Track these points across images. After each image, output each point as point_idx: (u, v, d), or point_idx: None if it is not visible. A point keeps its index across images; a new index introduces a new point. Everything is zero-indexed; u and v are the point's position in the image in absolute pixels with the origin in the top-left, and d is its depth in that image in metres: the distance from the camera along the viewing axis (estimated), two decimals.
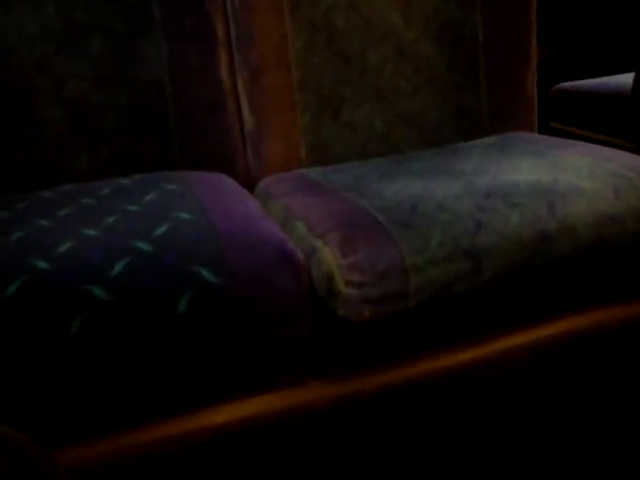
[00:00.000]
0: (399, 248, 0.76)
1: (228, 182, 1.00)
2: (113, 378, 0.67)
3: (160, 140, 1.07)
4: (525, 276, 0.80)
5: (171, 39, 1.05)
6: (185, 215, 0.79)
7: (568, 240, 0.82)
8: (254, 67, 1.09)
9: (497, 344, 0.81)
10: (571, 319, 0.85)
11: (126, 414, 0.69)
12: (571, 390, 0.86)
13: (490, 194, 0.85)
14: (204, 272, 0.69)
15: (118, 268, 0.68)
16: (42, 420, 0.66)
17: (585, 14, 2.27)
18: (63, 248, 0.72)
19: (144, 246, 0.72)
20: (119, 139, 1.05)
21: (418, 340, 0.80)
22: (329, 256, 0.77)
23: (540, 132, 1.31)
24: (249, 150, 1.12)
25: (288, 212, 0.91)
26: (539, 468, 0.87)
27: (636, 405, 0.90)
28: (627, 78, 1.62)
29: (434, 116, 1.21)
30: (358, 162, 1.12)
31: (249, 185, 1.11)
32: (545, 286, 0.83)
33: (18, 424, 0.61)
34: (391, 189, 0.90)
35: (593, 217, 0.83)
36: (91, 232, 0.75)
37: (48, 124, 1.02)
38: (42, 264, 0.68)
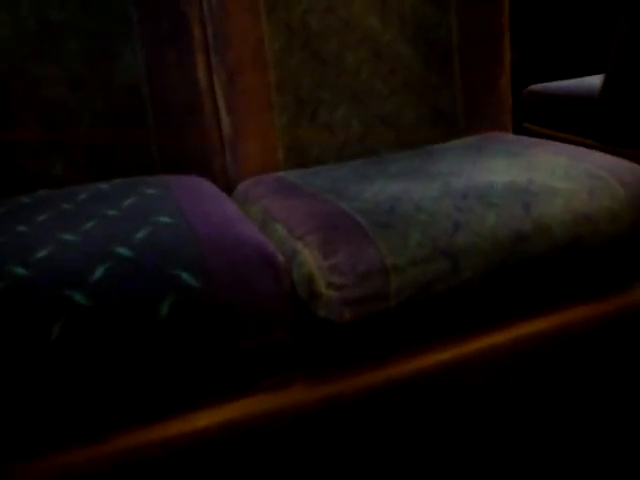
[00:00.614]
0: (379, 249, 0.77)
1: (207, 185, 0.99)
2: (94, 384, 0.66)
3: (138, 144, 1.06)
4: (503, 275, 0.82)
5: (148, 41, 1.05)
6: (164, 219, 0.79)
7: (544, 240, 0.83)
8: (231, 68, 1.09)
9: (477, 343, 0.82)
10: (549, 317, 0.86)
11: (107, 419, 0.69)
12: (550, 388, 0.88)
13: (467, 195, 0.86)
14: (185, 276, 0.69)
15: (98, 273, 0.68)
16: (20, 427, 0.65)
17: (557, 18, 2.31)
18: (42, 254, 0.71)
19: (124, 251, 0.71)
20: (96, 143, 1.04)
21: (400, 340, 0.80)
22: (309, 258, 0.77)
23: (514, 133, 1.33)
24: (227, 152, 1.12)
25: (267, 215, 0.91)
26: (522, 467, 0.89)
27: (615, 400, 0.92)
28: (596, 80, 1.65)
29: (410, 117, 1.23)
30: (336, 164, 1.12)
31: (227, 188, 1.11)
32: (523, 285, 0.84)
33: None
34: (369, 191, 0.91)
35: (568, 217, 0.85)
36: (70, 237, 0.75)
37: (22, 128, 1.00)
38: (21, 270, 0.68)
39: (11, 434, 0.65)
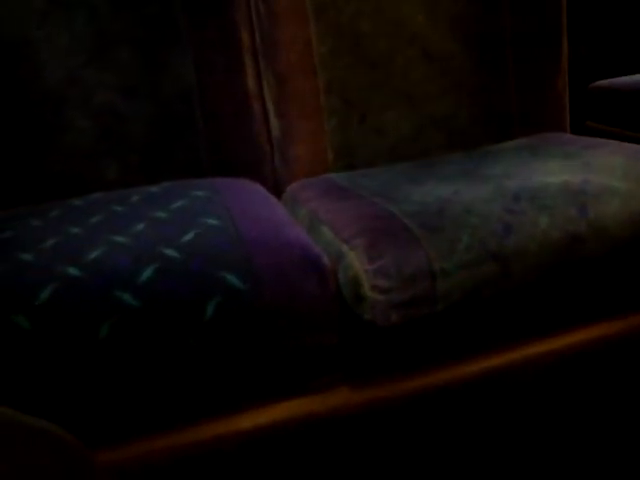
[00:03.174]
0: (426, 252, 0.75)
1: (256, 188, 1.00)
2: (141, 382, 0.68)
3: (188, 148, 1.08)
4: (556, 279, 0.79)
5: (197, 47, 1.07)
6: (212, 221, 0.80)
7: (600, 242, 0.80)
8: (280, 73, 1.10)
9: (528, 349, 0.79)
10: (604, 324, 0.83)
11: (154, 418, 0.70)
12: (606, 398, 0.84)
13: (519, 197, 0.84)
14: (230, 278, 0.70)
15: (146, 274, 0.69)
16: (69, 423, 0.67)
17: (624, 11, 2.22)
18: (93, 255, 0.73)
19: (172, 252, 0.72)
20: (147, 147, 1.06)
21: (446, 345, 0.79)
22: (355, 261, 0.76)
23: (577, 132, 1.28)
24: (276, 156, 1.13)
25: (314, 217, 0.91)
26: (568, 476, 0.86)
27: None
28: None
29: (463, 118, 1.20)
30: (386, 166, 1.11)
31: (277, 190, 1.11)
32: (577, 290, 0.81)
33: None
34: (419, 193, 0.90)
35: (626, 217, 0.81)
36: (120, 239, 0.77)
37: (78, 134, 1.04)
38: (73, 271, 0.70)
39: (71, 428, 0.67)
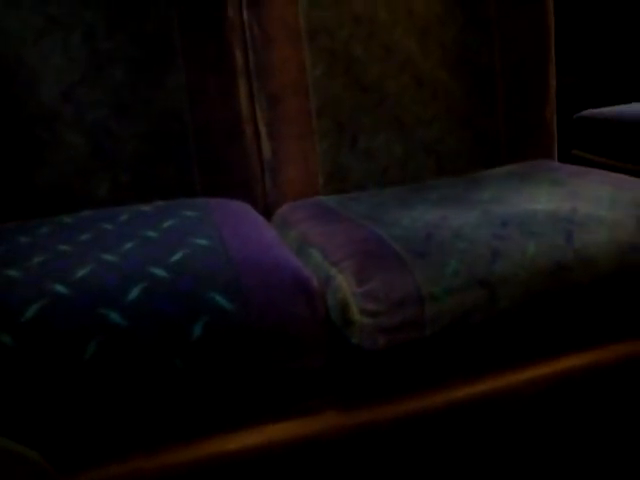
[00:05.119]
0: (414, 277, 0.76)
1: (246, 209, 1.01)
2: (126, 402, 0.67)
3: (180, 167, 1.08)
4: (542, 306, 0.79)
5: (191, 68, 1.07)
6: (202, 242, 0.80)
7: (586, 270, 0.80)
8: (272, 95, 1.11)
9: (513, 376, 0.80)
10: (590, 352, 0.83)
11: (139, 439, 0.69)
12: (589, 425, 0.85)
13: (507, 223, 0.85)
14: (219, 298, 0.70)
15: (134, 293, 0.69)
16: (55, 442, 0.66)
17: (611, 42, 2.26)
18: (81, 273, 0.73)
19: (160, 272, 0.72)
20: (139, 166, 1.06)
21: (434, 370, 0.79)
22: (344, 284, 0.77)
23: (563, 160, 1.30)
24: (267, 177, 1.13)
25: (304, 240, 0.91)
26: None
27: None
28: None
29: (452, 144, 1.22)
30: (376, 190, 1.12)
31: (267, 212, 1.12)
32: (563, 317, 0.82)
33: (31, 445, 0.62)
34: (408, 217, 0.90)
35: (613, 247, 0.82)
36: (109, 257, 0.76)
37: (70, 151, 1.04)
38: (60, 288, 0.69)
39: (40, 448, 0.66)
